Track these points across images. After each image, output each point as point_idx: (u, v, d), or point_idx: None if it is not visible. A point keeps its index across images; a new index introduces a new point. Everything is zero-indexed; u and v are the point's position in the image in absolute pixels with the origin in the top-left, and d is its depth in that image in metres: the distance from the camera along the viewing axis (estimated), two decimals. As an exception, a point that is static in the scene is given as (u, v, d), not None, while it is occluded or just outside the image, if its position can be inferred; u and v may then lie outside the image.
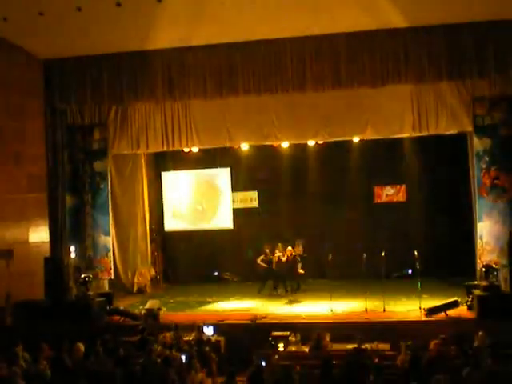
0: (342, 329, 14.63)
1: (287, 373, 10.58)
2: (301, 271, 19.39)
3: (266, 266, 19.40)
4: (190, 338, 14.17)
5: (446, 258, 19.64)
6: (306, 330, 14.49)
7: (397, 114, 17.74)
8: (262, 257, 19.67)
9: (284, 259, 18.97)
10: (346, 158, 20.80)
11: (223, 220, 22.20)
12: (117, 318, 17.04)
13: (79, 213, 19.36)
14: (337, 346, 13.71)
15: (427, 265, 17.64)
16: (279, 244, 19.52)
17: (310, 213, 21.83)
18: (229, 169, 21.98)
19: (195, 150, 19.93)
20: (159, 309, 16.54)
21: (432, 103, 17.46)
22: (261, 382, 10.36)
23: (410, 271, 17.75)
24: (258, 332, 14.93)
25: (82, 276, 17.86)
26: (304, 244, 19.75)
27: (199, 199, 22.42)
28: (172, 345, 12.98)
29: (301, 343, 14.24)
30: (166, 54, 17.39)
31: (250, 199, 22.22)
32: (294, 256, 19.08)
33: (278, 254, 19.10)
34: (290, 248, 19.18)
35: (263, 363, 11.70)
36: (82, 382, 10.43)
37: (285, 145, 19.66)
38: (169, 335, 13.79)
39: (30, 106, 18.08)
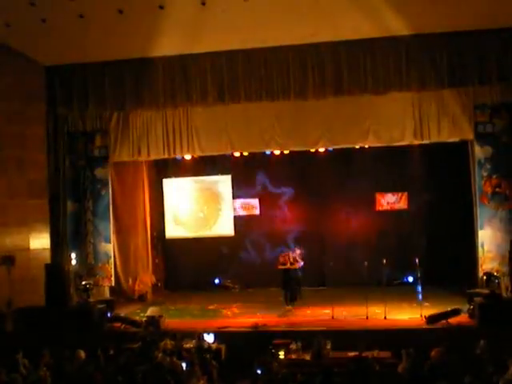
0: (343, 337, 14.61)
1: (286, 381, 10.57)
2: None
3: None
4: (191, 346, 14.16)
5: (448, 265, 19.60)
6: (307, 337, 14.47)
7: (398, 122, 17.75)
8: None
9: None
10: (348, 165, 20.80)
11: (224, 227, 22.19)
12: (118, 325, 16.99)
13: (80, 219, 19.37)
14: (338, 354, 13.71)
15: (428, 272, 17.63)
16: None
17: (311, 220, 21.83)
18: (230, 176, 21.98)
19: (196, 156, 19.91)
20: (160, 316, 16.50)
21: (433, 111, 17.47)
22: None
23: (411, 278, 17.76)
24: (259, 340, 14.89)
25: (83, 283, 17.89)
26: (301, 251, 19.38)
27: (200, 206, 22.42)
28: (173, 352, 12.95)
29: (302, 351, 14.23)
30: (168, 61, 17.44)
31: (251, 206, 22.19)
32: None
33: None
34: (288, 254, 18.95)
35: (259, 371, 11.69)
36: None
37: (286, 152, 19.64)
38: (170, 342, 13.77)
39: (32, 112, 18.10)
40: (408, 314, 16.35)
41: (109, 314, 17.38)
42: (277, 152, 19.64)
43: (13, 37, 16.03)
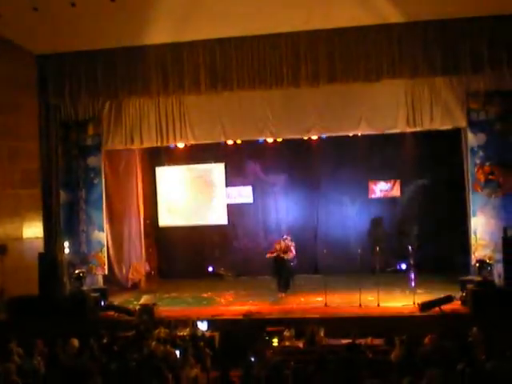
0: (337, 324, 14.66)
1: (279, 368, 10.60)
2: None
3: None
4: (185, 334, 14.19)
5: (441, 252, 19.64)
6: (301, 325, 14.51)
7: (391, 109, 17.74)
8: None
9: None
10: (341, 152, 20.79)
11: (217, 215, 22.16)
12: (111, 313, 17.04)
13: (73, 208, 19.32)
14: (331, 341, 13.74)
15: (421, 260, 17.67)
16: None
17: (305, 208, 21.85)
18: (223, 164, 21.94)
19: (189, 145, 19.90)
20: (154, 304, 16.53)
21: (426, 98, 17.48)
22: (252, 379, 10.42)
23: (404, 266, 17.82)
24: (253, 327, 14.93)
25: (76, 271, 17.89)
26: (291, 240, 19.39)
27: (193, 194, 22.37)
28: (167, 340, 12.97)
29: (295, 338, 14.26)
30: (161, 49, 17.33)
31: (245, 194, 22.19)
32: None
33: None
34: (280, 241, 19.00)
35: (253, 359, 11.72)
36: (77, 378, 10.42)
37: (279, 140, 19.63)
38: (163, 331, 13.80)
39: (24, 101, 18.02)
40: (401, 302, 16.42)
41: (102, 303, 17.42)
42: (270, 140, 19.63)
43: (4, 26, 15.91)
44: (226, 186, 22.08)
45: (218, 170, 22.08)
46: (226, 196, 22.13)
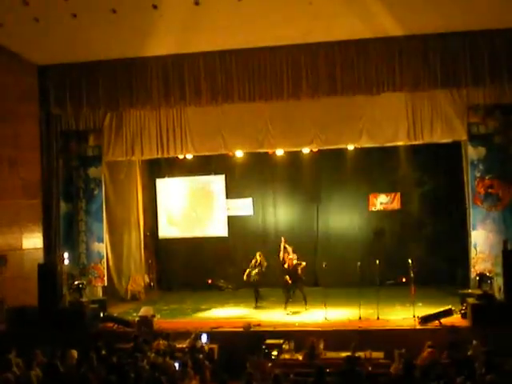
0: (336, 337, 14.62)
1: (278, 381, 10.56)
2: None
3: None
4: (184, 346, 14.15)
5: (441, 266, 19.64)
6: (300, 337, 14.48)
7: (392, 122, 17.78)
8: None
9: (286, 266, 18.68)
10: (341, 165, 20.78)
11: (217, 227, 22.15)
12: (110, 324, 16.98)
13: (73, 219, 19.37)
14: (331, 354, 13.71)
15: (421, 273, 17.62)
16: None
17: (305, 220, 21.85)
18: (223, 176, 21.94)
19: (189, 156, 19.94)
20: (153, 316, 16.50)
21: (427, 111, 17.52)
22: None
23: (403, 279, 17.78)
24: (252, 340, 14.89)
25: (76, 283, 17.85)
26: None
27: (193, 206, 22.39)
28: (166, 352, 12.93)
29: (295, 351, 14.23)
30: (162, 61, 17.39)
31: (245, 206, 22.17)
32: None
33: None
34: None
35: (252, 371, 11.68)
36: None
37: (279, 152, 19.65)
38: (162, 342, 13.75)
39: (25, 111, 18.04)
40: (401, 315, 16.38)
41: (101, 314, 17.38)
42: (270, 152, 19.64)
43: (6, 36, 15.97)
44: (227, 197, 22.07)
45: (218, 181, 22.09)
46: (226, 208, 22.11)
